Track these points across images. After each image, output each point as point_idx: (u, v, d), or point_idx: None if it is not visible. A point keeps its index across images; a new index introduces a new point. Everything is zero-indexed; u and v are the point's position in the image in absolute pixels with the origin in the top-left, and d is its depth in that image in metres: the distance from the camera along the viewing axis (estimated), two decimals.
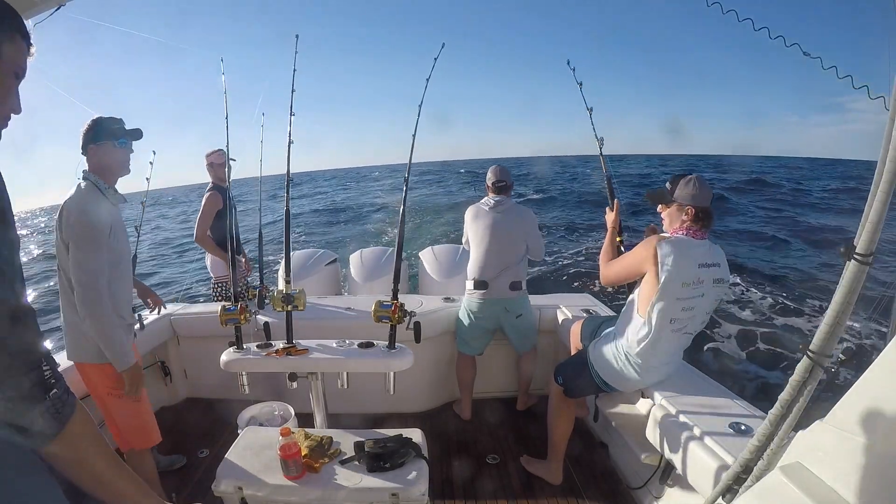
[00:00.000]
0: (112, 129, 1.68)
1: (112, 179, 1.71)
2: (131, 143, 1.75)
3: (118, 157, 1.70)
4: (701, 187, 1.68)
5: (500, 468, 2.30)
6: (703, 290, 1.67)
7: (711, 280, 1.67)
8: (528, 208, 2.70)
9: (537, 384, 2.79)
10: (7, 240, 0.62)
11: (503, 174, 2.64)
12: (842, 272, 0.91)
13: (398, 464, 1.43)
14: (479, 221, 2.58)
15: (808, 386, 0.98)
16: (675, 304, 1.65)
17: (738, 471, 1.12)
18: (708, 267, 1.66)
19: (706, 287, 1.67)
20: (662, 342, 1.73)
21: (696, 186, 1.68)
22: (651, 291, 1.67)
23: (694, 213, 1.67)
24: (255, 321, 2.14)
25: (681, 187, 1.71)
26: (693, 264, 1.64)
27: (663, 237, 1.70)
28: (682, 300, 1.65)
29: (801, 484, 0.90)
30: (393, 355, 1.77)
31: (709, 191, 1.70)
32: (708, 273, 1.66)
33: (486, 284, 2.52)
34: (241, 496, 1.40)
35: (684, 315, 1.68)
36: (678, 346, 1.82)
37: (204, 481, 2.15)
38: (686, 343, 1.84)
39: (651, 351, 1.75)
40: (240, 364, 1.80)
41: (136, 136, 1.75)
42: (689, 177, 1.72)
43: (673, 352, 1.83)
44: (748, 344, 5.53)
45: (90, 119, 1.68)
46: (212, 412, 2.76)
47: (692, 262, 1.64)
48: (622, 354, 1.82)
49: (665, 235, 1.73)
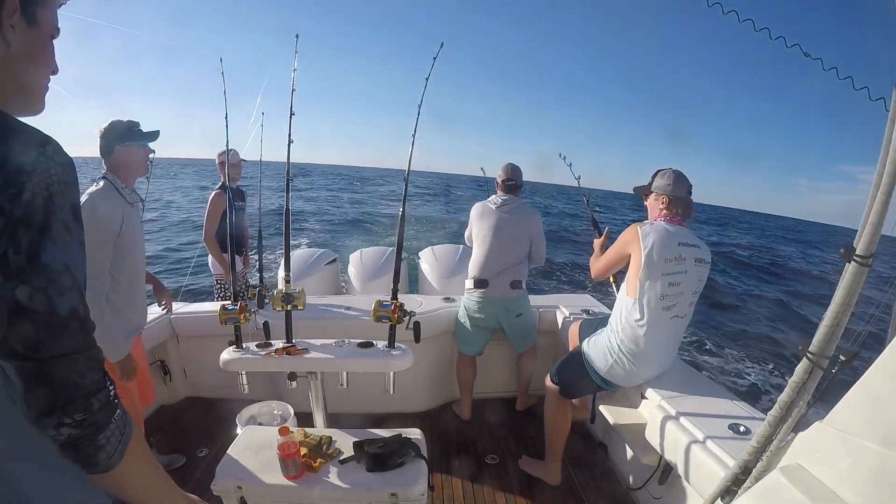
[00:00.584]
0: (136, 131, 1.76)
1: (131, 179, 1.79)
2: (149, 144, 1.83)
3: (141, 158, 1.79)
4: (675, 179, 1.83)
5: (500, 468, 2.30)
6: (686, 267, 1.76)
7: (693, 259, 1.78)
8: (536, 209, 2.64)
9: (537, 384, 2.79)
10: (81, 241, 0.57)
11: (514, 173, 2.59)
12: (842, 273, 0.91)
13: (398, 464, 1.43)
14: (484, 220, 2.56)
15: (808, 387, 0.98)
16: (662, 280, 1.73)
17: (738, 472, 1.12)
18: (688, 246, 1.78)
19: (689, 265, 1.77)
20: (654, 325, 1.76)
21: (670, 178, 1.83)
22: (637, 268, 1.76)
23: (668, 201, 1.82)
24: (255, 321, 2.13)
25: (657, 179, 1.87)
26: (673, 242, 1.75)
27: (644, 222, 1.85)
28: (668, 275, 1.73)
29: (800, 485, 0.89)
30: (393, 355, 1.77)
31: (683, 183, 1.82)
32: (689, 251, 1.77)
33: (487, 283, 2.51)
34: (240, 495, 1.40)
35: (672, 291, 1.75)
36: (671, 333, 1.84)
37: (203, 480, 2.15)
38: (678, 331, 1.85)
39: (644, 336, 1.77)
40: (239, 363, 1.80)
41: (155, 136, 1.83)
42: (666, 169, 1.87)
43: (666, 340, 1.84)
44: (748, 344, 5.53)
45: (109, 121, 1.74)
46: (211, 411, 2.76)
47: (672, 240, 1.76)
48: (615, 346, 1.83)
49: (645, 222, 1.87)
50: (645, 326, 1.76)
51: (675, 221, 1.82)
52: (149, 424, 2.76)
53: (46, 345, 0.53)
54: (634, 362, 1.80)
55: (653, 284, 1.74)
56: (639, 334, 1.77)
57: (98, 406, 0.57)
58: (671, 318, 1.79)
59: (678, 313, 1.79)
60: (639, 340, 1.78)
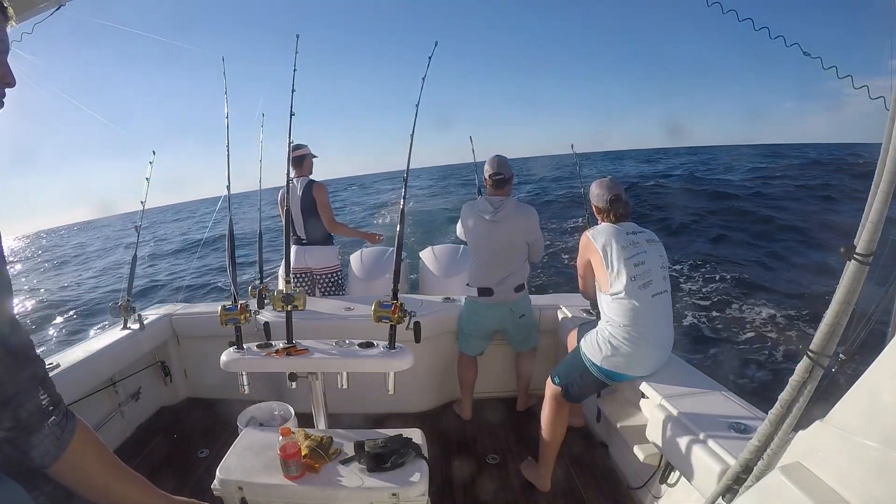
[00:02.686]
0: None
1: None
2: None
3: None
4: (599, 187, 2.01)
5: (501, 468, 2.30)
6: (643, 248, 1.89)
7: (644, 241, 1.92)
8: (530, 206, 2.51)
9: (538, 384, 2.79)
10: None
11: (501, 166, 2.41)
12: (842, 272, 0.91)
13: (398, 464, 1.43)
14: (477, 230, 2.44)
15: (808, 386, 0.98)
16: (626, 263, 1.85)
17: (738, 471, 1.12)
18: (636, 233, 1.94)
19: (644, 246, 1.90)
20: (636, 299, 1.82)
21: (597, 187, 2.03)
22: (600, 267, 1.91)
23: (597, 209, 2.03)
24: (255, 321, 2.14)
25: (592, 189, 2.06)
26: (621, 234, 1.91)
27: (591, 228, 2.04)
28: (630, 258, 1.86)
29: (801, 484, 0.89)
30: (393, 355, 1.77)
31: (607, 189, 1.99)
32: (639, 237, 1.93)
33: (492, 291, 2.46)
34: (240, 496, 1.40)
35: (640, 270, 1.85)
36: (659, 311, 1.87)
37: (204, 481, 2.15)
38: (666, 307, 1.90)
39: (632, 309, 1.82)
40: (240, 364, 1.80)
41: None
42: (600, 180, 2.05)
43: (656, 317, 1.86)
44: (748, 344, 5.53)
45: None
46: (212, 412, 2.76)
47: (619, 233, 1.91)
48: (606, 332, 1.88)
49: (593, 227, 2.06)
50: (626, 299, 1.83)
51: (612, 221, 1.99)
52: (149, 426, 2.77)
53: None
54: (630, 341, 1.82)
55: (619, 270, 1.85)
56: (625, 308, 1.83)
57: (26, 415, 0.66)
58: (653, 296, 1.85)
59: (657, 290, 1.86)
60: (627, 314, 1.83)
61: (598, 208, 2.02)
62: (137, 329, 2.64)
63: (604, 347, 1.87)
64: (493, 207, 2.40)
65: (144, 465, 2.37)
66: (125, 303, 2.65)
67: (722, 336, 5.72)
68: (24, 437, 0.65)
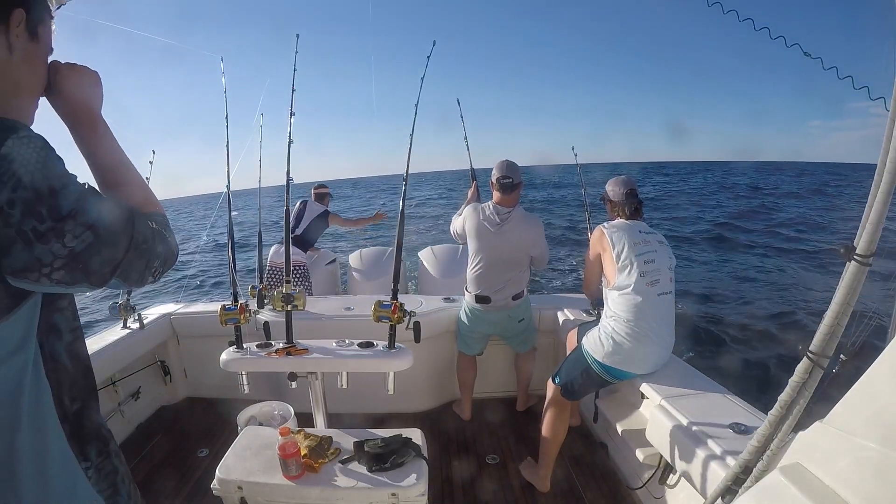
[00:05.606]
0: None
1: None
2: None
3: None
4: (615, 184, 2.05)
5: (500, 468, 2.30)
6: (654, 248, 1.91)
7: (656, 241, 1.95)
8: (536, 216, 2.47)
9: (538, 384, 2.79)
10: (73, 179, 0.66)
11: (510, 170, 2.36)
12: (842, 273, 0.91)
13: (398, 464, 1.43)
14: (481, 238, 2.40)
15: (808, 387, 0.98)
16: (637, 260, 1.87)
17: (738, 471, 1.12)
18: (648, 233, 1.97)
19: (654, 245, 1.92)
20: (645, 301, 1.83)
21: (613, 184, 2.06)
22: (609, 261, 1.93)
23: (611, 204, 2.06)
24: (255, 321, 2.14)
25: (608, 185, 2.10)
26: (633, 232, 1.94)
27: (605, 224, 2.05)
28: (640, 255, 1.88)
29: (800, 485, 0.89)
30: (393, 355, 1.77)
31: (623, 186, 2.02)
32: (650, 236, 1.95)
33: (489, 299, 2.45)
34: (240, 496, 1.40)
35: (649, 268, 1.87)
36: (663, 310, 1.88)
37: (203, 481, 2.15)
38: (669, 308, 1.90)
39: (638, 310, 1.82)
40: (239, 364, 1.80)
41: None
42: (616, 177, 2.10)
43: (659, 316, 1.87)
44: (748, 344, 5.53)
45: None
46: (212, 412, 2.76)
47: (632, 231, 1.95)
48: (609, 328, 1.89)
49: (607, 223, 2.08)
50: (633, 294, 1.84)
51: (625, 218, 2.03)
52: (149, 425, 2.77)
53: (105, 260, 0.64)
54: (632, 337, 1.82)
55: (630, 265, 1.87)
56: (631, 303, 1.84)
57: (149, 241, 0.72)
58: (658, 295, 1.86)
59: (663, 290, 1.87)
60: (632, 309, 1.83)
61: (613, 203, 2.05)
62: (137, 328, 2.64)
63: (606, 343, 1.87)
64: (500, 220, 2.37)
65: (144, 464, 2.36)
66: (125, 302, 2.65)
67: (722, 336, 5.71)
68: None
